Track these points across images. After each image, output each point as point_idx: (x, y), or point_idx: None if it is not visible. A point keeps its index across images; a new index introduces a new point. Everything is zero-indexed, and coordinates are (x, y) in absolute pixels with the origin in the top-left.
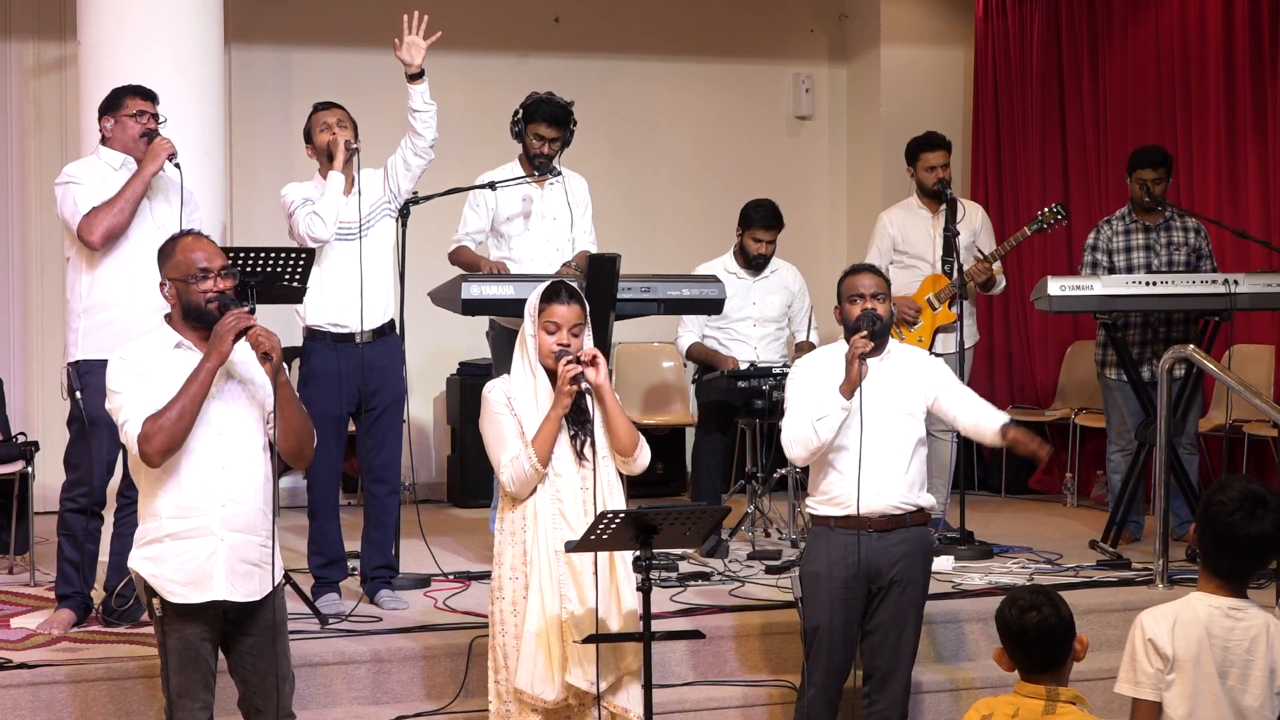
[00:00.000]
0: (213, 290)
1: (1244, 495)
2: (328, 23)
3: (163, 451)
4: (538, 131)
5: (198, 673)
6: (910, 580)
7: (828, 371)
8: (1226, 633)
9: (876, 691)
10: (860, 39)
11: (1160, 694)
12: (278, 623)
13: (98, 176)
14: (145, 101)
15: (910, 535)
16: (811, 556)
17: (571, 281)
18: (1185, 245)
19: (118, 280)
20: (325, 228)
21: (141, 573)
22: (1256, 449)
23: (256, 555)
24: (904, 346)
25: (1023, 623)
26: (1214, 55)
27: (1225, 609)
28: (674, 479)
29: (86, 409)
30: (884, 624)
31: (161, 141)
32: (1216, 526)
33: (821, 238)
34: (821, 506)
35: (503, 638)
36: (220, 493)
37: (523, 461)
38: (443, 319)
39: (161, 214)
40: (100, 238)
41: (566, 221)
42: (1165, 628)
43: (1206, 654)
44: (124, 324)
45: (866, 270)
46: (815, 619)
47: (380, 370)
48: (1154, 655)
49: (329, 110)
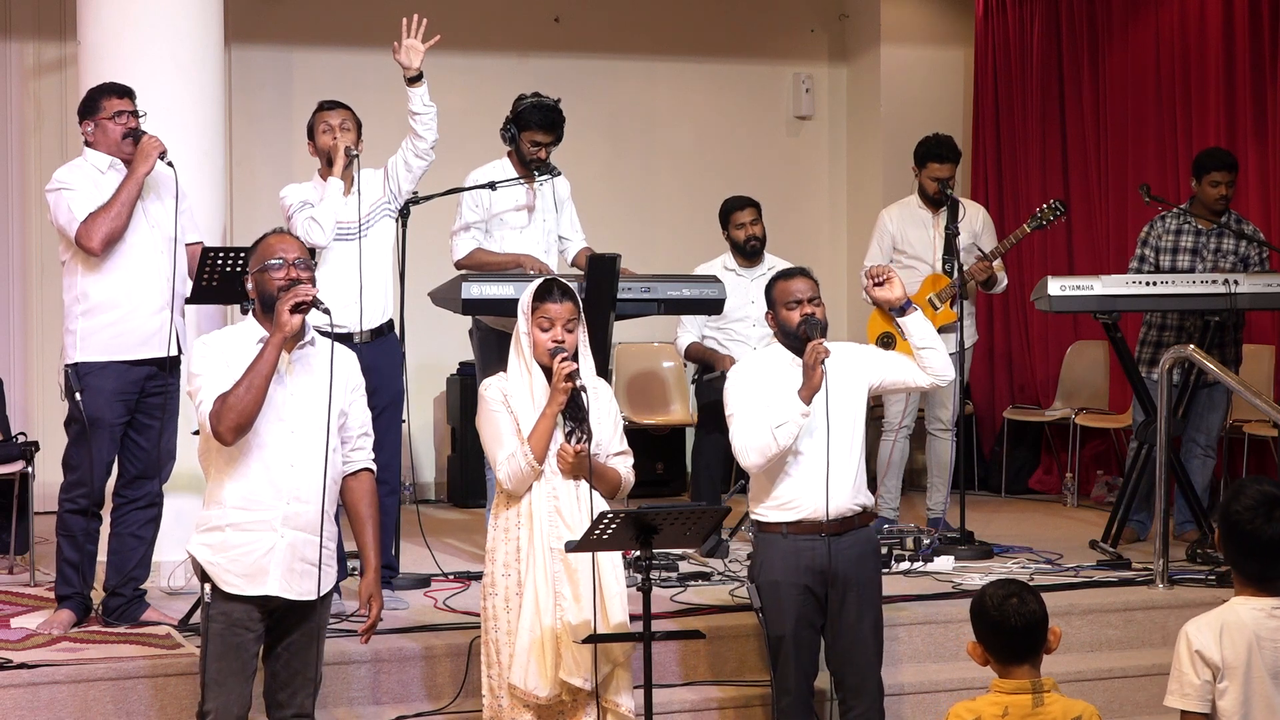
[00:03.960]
0: (285, 278)
1: (1260, 498)
2: (328, 23)
3: (234, 429)
4: (533, 139)
5: (237, 661)
6: (867, 580)
7: (769, 376)
8: (1274, 633)
9: (853, 697)
10: (860, 39)
11: (1208, 704)
12: (319, 626)
13: (88, 180)
14: (123, 100)
15: (860, 536)
16: (766, 565)
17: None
18: (1234, 254)
19: (115, 282)
20: (323, 234)
21: (199, 558)
22: (1257, 449)
23: (315, 555)
24: (837, 345)
25: (1004, 610)
26: (1214, 55)
27: (1269, 610)
28: (674, 479)
29: (87, 410)
30: (848, 627)
31: (151, 140)
32: (1238, 533)
33: (821, 238)
34: (772, 513)
35: (495, 633)
36: (287, 490)
37: (519, 459)
38: (443, 319)
39: (155, 213)
40: (100, 243)
41: (555, 221)
42: (1212, 636)
43: (1256, 657)
44: (123, 325)
45: (798, 274)
46: (780, 627)
47: (378, 370)
48: (1202, 666)
49: (334, 111)
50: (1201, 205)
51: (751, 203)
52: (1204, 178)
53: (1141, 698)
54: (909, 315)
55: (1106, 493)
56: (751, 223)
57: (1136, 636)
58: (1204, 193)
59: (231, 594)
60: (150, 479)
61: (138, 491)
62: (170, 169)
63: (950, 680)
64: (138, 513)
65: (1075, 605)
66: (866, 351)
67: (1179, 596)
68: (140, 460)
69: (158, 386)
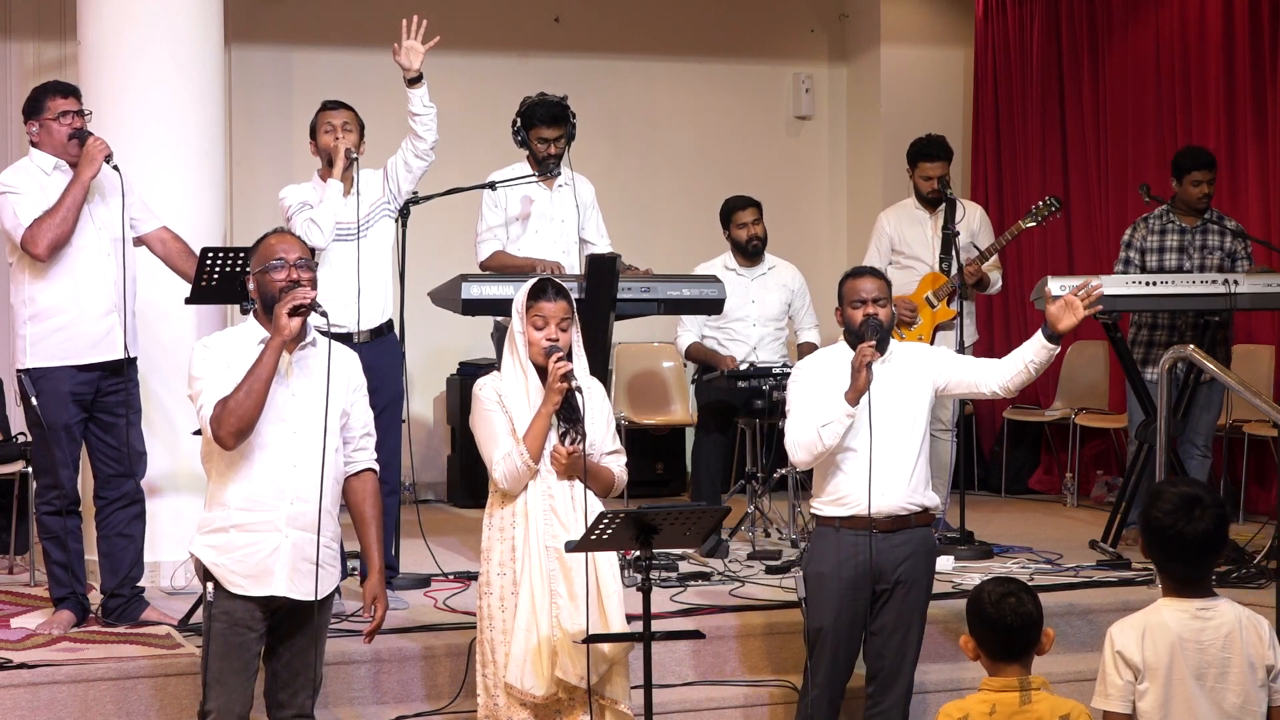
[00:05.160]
0: (286, 280)
1: (1180, 499)
2: (328, 23)
3: (235, 433)
4: (540, 135)
5: (239, 661)
6: (915, 580)
7: (829, 374)
8: (1197, 634)
9: (880, 692)
10: (860, 39)
11: (1129, 705)
12: (321, 627)
13: (33, 183)
14: (68, 100)
15: (915, 535)
16: (817, 557)
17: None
18: (1220, 249)
19: (64, 286)
20: (322, 236)
21: (204, 560)
22: (1257, 449)
23: (320, 555)
24: (905, 345)
25: (1000, 608)
26: (1214, 55)
27: (1193, 611)
28: (674, 479)
29: (44, 414)
30: (889, 625)
31: (95, 143)
32: (1161, 535)
33: (821, 238)
34: (827, 507)
35: (490, 632)
36: (290, 490)
37: (515, 458)
38: (443, 319)
39: (101, 216)
40: (45, 249)
41: (574, 224)
42: (1134, 638)
43: (1179, 660)
44: (73, 329)
45: (869, 274)
46: (820, 619)
47: (377, 371)
48: (1123, 666)
49: (337, 111)
50: (1183, 204)
51: (753, 202)
52: (1185, 178)
53: None
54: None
55: (1106, 493)
56: (753, 223)
57: None
58: (1186, 192)
59: (235, 593)
60: (126, 478)
61: (116, 491)
62: (116, 172)
63: (950, 680)
64: (120, 512)
65: (1075, 605)
66: (937, 352)
67: None
68: (112, 459)
69: (113, 386)
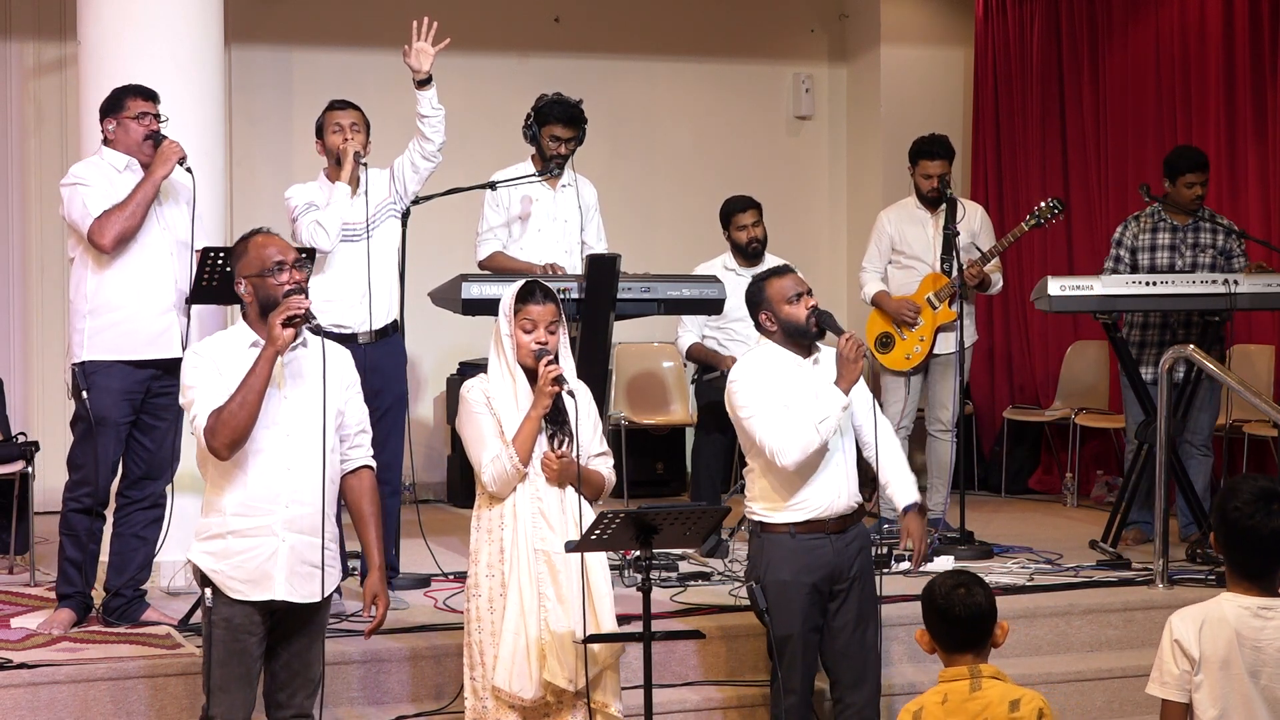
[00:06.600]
0: (289, 283)
1: (1257, 494)
2: (328, 23)
3: (229, 444)
4: (553, 133)
5: (240, 666)
6: (866, 574)
7: (776, 377)
8: (1256, 633)
9: (851, 693)
10: (860, 39)
11: (1185, 694)
12: (320, 627)
13: (104, 178)
14: (147, 102)
15: (860, 531)
16: (774, 565)
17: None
18: (1213, 247)
19: (125, 282)
20: (328, 239)
21: (202, 566)
22: (1257, 449)
23: (318, 558)
24: (828, 349)
25: (950, 600)
26: (1214, 55)
27: (1255, 609)
28: (674, 479)
29: (93, 409)
30: (850, 621)
31: (171, 145)
32: (1236, 530)
33: (821, 238)
34: (778, 514)
35: (479, 634)
36: (285, 494)
37: (504, 461)
38: (443, 319)
39: (170, 217)
40: (112, 241)
41: (577, 224)
42: (1193, 629)
43: (1236, 655)
44: (130, 324)
45: (787, 271)
46: (789, 627)
47: (382, 371)
48: (1180, 656)
49: (344, 111)
50: (1175, 203)
51: (753, 204)
52: (1179, 179)
53: (1142, 698)
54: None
55: (1106, 493)
56: (753, 224)
57: (1136, 636)
58: (1179, 193)
59: (234, 599)
60: (155, 480)
61: (141, 492)
62: (189, 175)
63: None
64: (141, 513)
65: (1075, 605)
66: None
67: (1179, 596)
68: (145, 461)
69: (163, 387)
